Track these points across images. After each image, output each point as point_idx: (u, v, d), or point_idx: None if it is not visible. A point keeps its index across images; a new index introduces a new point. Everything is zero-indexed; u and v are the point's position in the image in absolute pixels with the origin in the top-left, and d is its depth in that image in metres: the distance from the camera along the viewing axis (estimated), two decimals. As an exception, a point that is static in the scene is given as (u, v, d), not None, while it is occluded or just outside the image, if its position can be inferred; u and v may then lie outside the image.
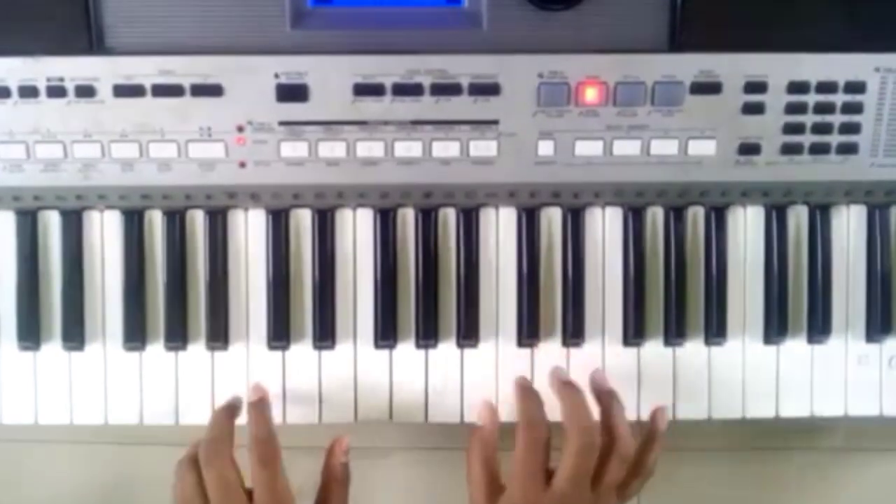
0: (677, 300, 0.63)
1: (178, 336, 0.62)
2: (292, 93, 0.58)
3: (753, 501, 0.73)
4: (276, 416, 0.62)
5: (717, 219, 0.63)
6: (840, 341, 0.64)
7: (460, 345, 0.63)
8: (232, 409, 0.59)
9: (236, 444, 0.56)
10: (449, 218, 0.62)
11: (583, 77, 0.59)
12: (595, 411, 0.58)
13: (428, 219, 0.62)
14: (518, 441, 0.57)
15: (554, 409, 0.58)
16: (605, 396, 0.60)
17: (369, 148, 0.59)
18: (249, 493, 0.55)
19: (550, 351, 0.63)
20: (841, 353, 0.64)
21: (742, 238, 0.63)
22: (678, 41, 0.58)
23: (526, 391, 0.60)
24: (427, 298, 0.62)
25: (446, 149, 0.60)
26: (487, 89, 0.59)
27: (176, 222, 0.61)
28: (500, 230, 0.63)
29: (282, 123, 0.59)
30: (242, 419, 0.59)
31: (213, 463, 0.55)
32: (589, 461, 0.56)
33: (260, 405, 0.58)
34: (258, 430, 0.56)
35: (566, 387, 0.59)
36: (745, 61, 0.59)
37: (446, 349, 0.63)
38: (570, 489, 0.55)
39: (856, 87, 0.59)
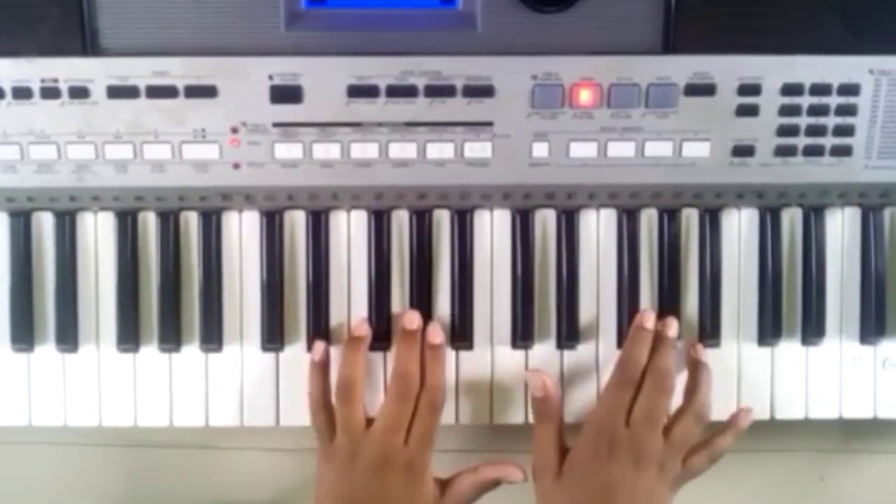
0: (671, 302, 0.63)
1: (171, 338, 0.62)
2: (286, 94, 0.58)
3: (750, 503, 0.73)
4: (270, 420, 0.62)
5: (712, 220, 0.63)
6: (834, 343, 0.64)
7: (455, 346, 0.62)
8: (361, 341, 0.61)
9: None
10: (443, 219, 0.62)
11: (577, 79, 0.59)
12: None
13: (422, 220, 0.62)
14: (613, 375, 0.61)
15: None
16: (697, 364, 0.62)
17: (363, 149, 0.59)
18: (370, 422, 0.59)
19: (545, 353, 0.63)
20: (835, 355, 0.64)
21: (736, 240, 0.63)
22: (672, 43, 0.58)
23: (640, 333, 0.61)
24: (421, 300, 0.62)
25: (440, 150, 0.60)
26: (482, 91, 0.58)
27: (170, 224, 0.61)
28: (494, 232, 0.63)
29: (276, 125, 0.59)
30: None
31: (346, 402, 0.59)
32: (663, 402, 0.59)
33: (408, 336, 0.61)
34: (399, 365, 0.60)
35: (659, 338, 0.61)
36: (739, 63, 0.59)
37: (441, 351, 0.63)
38: (645, 426, 0.58)
39: (850, 90, 0.59)
